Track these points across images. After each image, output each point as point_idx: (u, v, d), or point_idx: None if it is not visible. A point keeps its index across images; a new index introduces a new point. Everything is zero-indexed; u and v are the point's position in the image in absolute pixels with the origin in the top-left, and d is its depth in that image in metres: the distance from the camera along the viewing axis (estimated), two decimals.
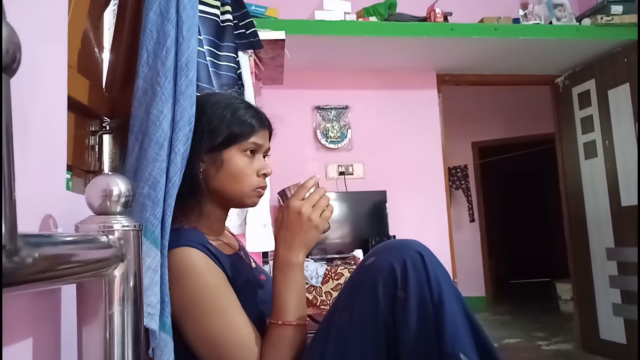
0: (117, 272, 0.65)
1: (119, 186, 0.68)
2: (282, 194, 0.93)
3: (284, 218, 0.89)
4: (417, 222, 3.32)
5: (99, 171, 1.01)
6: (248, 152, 0.97)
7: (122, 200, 0.68)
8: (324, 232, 0.90)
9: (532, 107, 4.99)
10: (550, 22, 3.00)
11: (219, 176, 0.95)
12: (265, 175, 0.99)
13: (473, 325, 0.80)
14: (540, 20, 2.98)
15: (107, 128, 1.04)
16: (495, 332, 4.04)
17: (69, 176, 0.82)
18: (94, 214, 0.68)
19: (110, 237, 0.65)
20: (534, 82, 3.69)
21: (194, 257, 0.87)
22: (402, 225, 3.21)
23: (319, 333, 0.85)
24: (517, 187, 7.15)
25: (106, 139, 1.06)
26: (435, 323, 0.77)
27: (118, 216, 0.68)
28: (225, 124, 0.95)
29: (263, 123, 1.00)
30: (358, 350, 0.79)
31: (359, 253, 2.97)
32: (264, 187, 1.00)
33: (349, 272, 2.78)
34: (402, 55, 3.12)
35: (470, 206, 5.34)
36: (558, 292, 4.90)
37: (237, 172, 0.96)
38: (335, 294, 2.76)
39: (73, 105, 0.83)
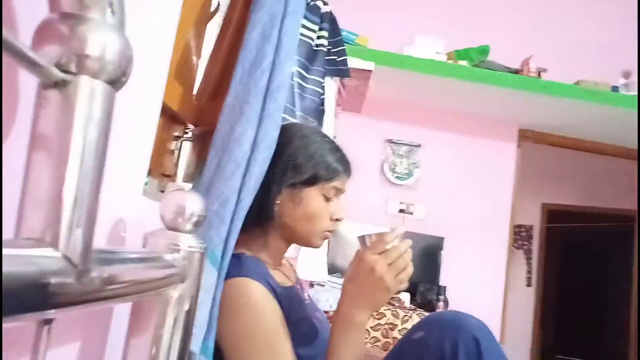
0: (175, 293, 0.63)
1: (193, 205, 0.66)
2: (362, 240, 0.86)
3: (355, 269, 0.83)
4: (471, 277, 3.17)
5: (174, 176, 1.02)
6: (326, 195, 0.95)
7: (194, 219, 0.66)
8: (398, 293, 0.84)
9: (614, 179, 4.70)
10: None
11: (294, 213, 0.93)
12: (337, 220, 0.96)
13: None
14: None
15: (189, 135, 1.05)
16: None
17: (146, 180, 0.82)
18: (164, 226, 0.67)
19: (175, 255, 0.64)
20: (620, 154, 3.47)
21: (256, 291, 0.84)
22: (455, 277, 3.08)
23: None
24: (583, 259, 6.72)
25: (186, 145, 1.06)
26: None
27: (187, 235, 0.66)
28: (313, 162, 0.93)
29: (347, 169, 0.97)
30: None
31: (405, 296, 2.87)
32: (332, 231, 0.97)
33: (391, 313, 2.69)
34: (486, 103, 3.03)
35: (529, 269, 5.07)
36: None
37: (313, 213, 0.93)
38: (374, 334, 2.67)
39: (162, 109, 0.83)
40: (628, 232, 3.48)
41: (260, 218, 0.92)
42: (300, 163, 0.92)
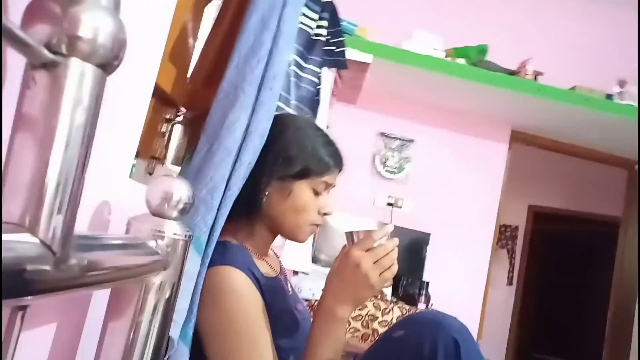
0: (157, 280, 0.62)
1: (181, 192, 0.65)
2: (349, 236, 0.86)
3: (341, 264, 0.83)
4: (454, 274, 3.19)
5: (163, 158, 1.00)
6: (316, 189, 0.94)
7: (180, 206, 0.65)
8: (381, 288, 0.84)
9: (602, 184, 4.74)
10: None
11: (282, 205, 0.92)
12: (325, 214, 0.95)
13: None
14: (635, 102, 2.82)
15: (181, 118, 1.03)
16: None
17: (134, 162, 0.81)
18: (149, 212, 0.66)
19: (159, 242, 0.63)
20: (611, 161, 3.50)
21: (238, 280, 0.83)
22: (438, 273, 3.10)
23: None
24: (566, 261, 6.81)
25: (177, 128, 1.05)
26: None
27: (172, 222, 0.65)
28: (305, 156, 0.91)
29: (338, 164, 0.96)
30: None
31: (387, 289, 2.89)
32: (319, 225, 0.96)
33: (373, 305, 2.71)
34: (481, 103, 3.03)
35: (511, 268, 5.13)
36: None
37: (301, 206, 0.92)
38: (354, 324, 2.68)
39: (155, 91, 0.81)
40: (611, 236, 3.53)
41: (248, 207, 0.91)
42: (291, 155, 0.91)
